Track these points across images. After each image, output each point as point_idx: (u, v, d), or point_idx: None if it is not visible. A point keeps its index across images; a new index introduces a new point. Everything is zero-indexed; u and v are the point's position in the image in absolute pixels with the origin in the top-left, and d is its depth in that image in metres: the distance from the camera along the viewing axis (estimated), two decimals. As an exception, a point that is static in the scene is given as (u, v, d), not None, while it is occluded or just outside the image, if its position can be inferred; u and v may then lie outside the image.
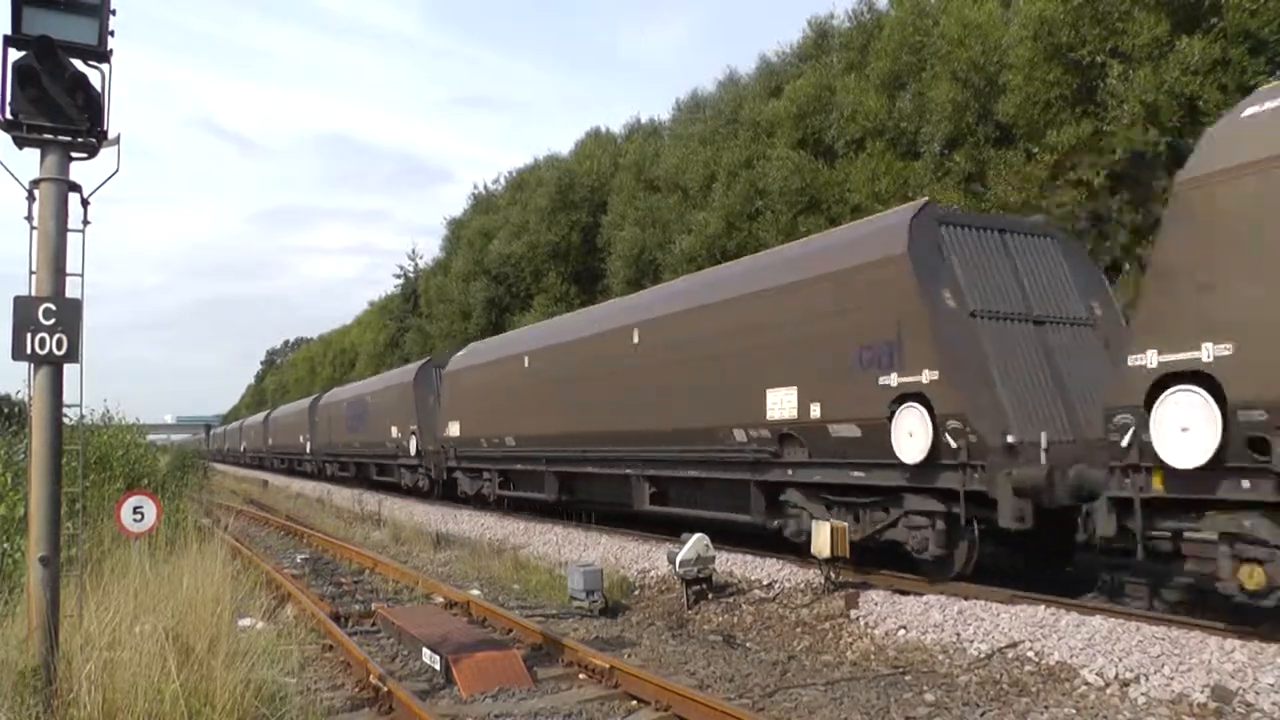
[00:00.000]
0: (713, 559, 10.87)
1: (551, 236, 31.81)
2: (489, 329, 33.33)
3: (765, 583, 10.98)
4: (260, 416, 61.26)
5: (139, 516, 8.29)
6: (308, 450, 40.52)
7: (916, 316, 9.56)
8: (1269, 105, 7.34)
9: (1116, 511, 7.85)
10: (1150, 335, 7.52)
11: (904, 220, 10.13)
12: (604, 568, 11.72)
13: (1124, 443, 7.64)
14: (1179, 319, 7.30)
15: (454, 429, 22.32)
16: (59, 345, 5.12)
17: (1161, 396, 7.31)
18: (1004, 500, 8.73)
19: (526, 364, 18.85)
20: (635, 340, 14.86)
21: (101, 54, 5.28)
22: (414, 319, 45.59)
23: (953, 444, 9.13)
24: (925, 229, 9.99)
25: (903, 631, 8.72)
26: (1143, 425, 7.45)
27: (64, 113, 5.14)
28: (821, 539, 9.98)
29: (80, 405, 5.66)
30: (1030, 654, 7.61)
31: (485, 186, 41.01)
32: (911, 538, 9.97)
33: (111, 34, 5.30)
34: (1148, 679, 6.76)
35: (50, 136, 5.18)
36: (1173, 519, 7.57)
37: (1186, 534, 7.52)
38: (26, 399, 5.46)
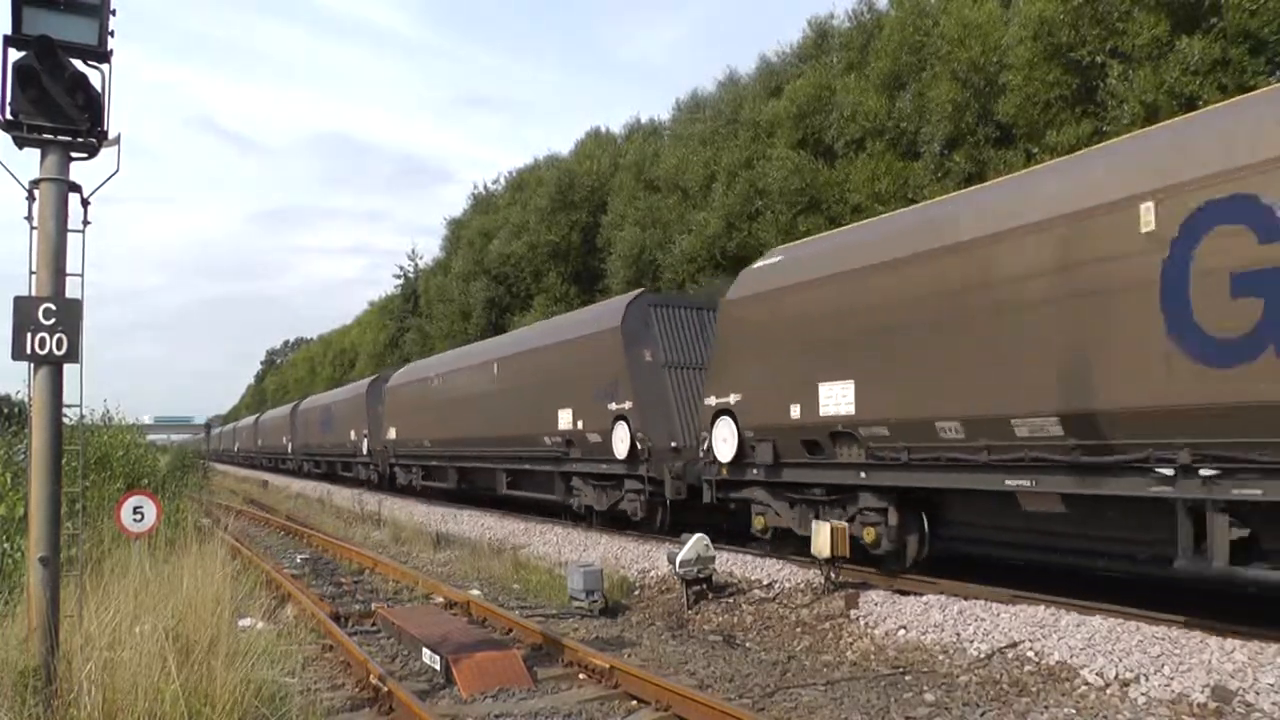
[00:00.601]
0: (713, 559, 10.87)
1: (551, 236, 31.75)
2: (489, 329, 33.34)
3: (765, 583, 10.98)
4: (251, 420, 66.71)
5: (139, 516, 8.30)
6: (289, 450, 45.95)
7: (623, 368, 15.02)
8: (764, 263, 12.79)
9: (713, 488, 13.02)
10: (712, 386, 12.85)
11: (622, 305, 15.66)
12: (604, 568, 11.72)
13: (704, 448, 12.88)
14: (722, 378, 12.61)
15: (392, 433, 28.24)
16: (59, 345, 5.12)
17: (716, 421, 12.56)
18: (667, 482, 14.28)
19: (437, 384, 24.45)
20: (495, 372, 20.52)
21: (101, 54, 5.28)
22: (414, 319, 45.54)
23: (639, 447, 14.69)
24: (637, 310, 15.47)
25: (903, 631, 8.72)
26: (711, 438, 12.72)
27: (64, 113, 5.14)
28: (821, 539, 9.99)
29: (80, 405, 5.66)
30: (1030, 654, 7.61)
31: (485, 186, 40.93)
32: (629, 507, 15.43)
33: (111, 34, 5.29)
34: (1148, 679, 6.76)
35: (50, 136, 5.18)
36: (733, 492, 12.73)
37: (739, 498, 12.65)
38: (26, 399, 5.46)
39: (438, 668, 7.79)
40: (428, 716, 6.25)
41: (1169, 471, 7.31)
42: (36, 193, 5.19)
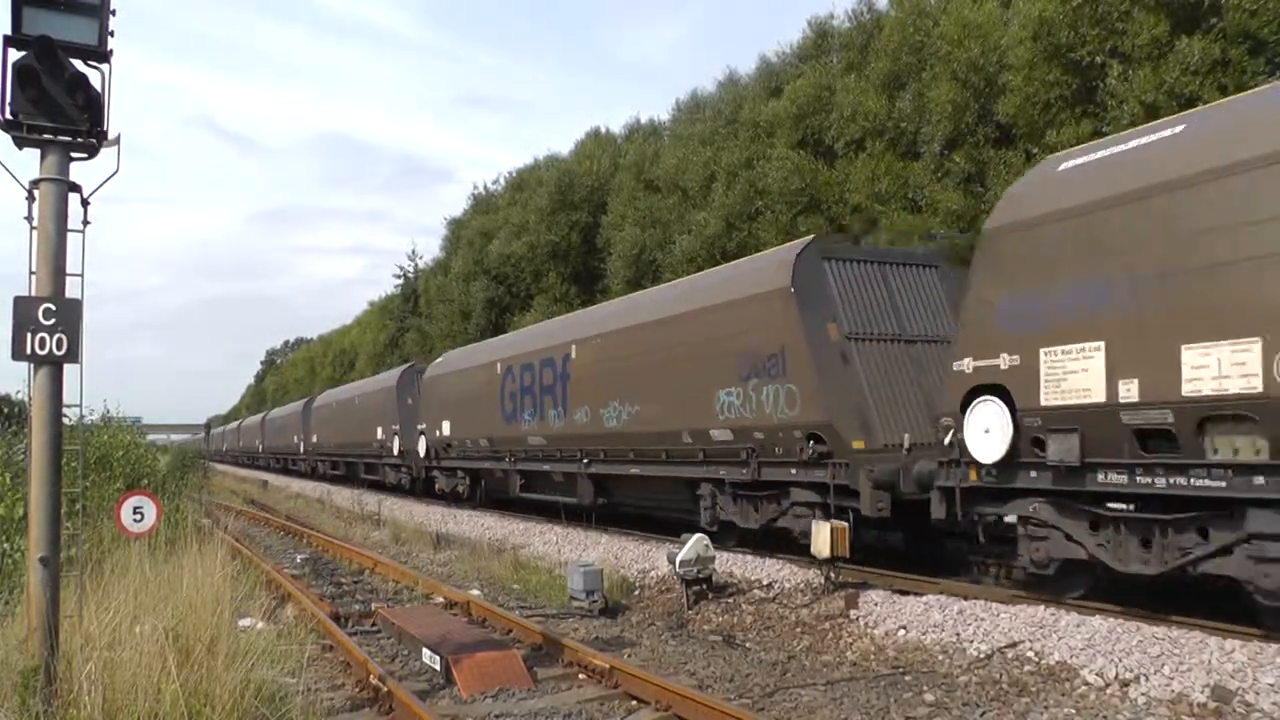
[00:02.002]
0: (713, 559, 10.87)
1: (551, 236, 31.75)
2: (489, 329, 33.35)
3: (765, 583, 10.97)
4: (236, 424, 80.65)
5: (139, 516, 8.29)
6: (260, 450, 58.46)
7: (395, 408, 27.71)
8: (438, 360, 26.79)
9: (425, 470, 26.41)
10: (421, 419, 25.46)
11: (398, 372, 29.28)
12: (604, 568, 11.72)
13: (420, 449, 25.50)
14: (425, 415, 25.32)
15: (314, 438, 40.61)
16: (59, 345, 5.12)
17: (420, 436, 25.58)
18: (414, 466, 26.02)
19: (334, 407, 37.35)
20: (356, 403, 33.47)
21: (101, 54, 5.27)
22: (414, 319, 45.55)
23: (402, 449, 27.07)
24: (408, 375, 28.15)
25: (903, 631, 8.72)
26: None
27: (64, 113, 5.13)
28: (821, 539, 9.98)
29: (80, 405, 5.66)
30: (1030, 654, 7.61)
31: (485, 186, 40.93)
32: (404, 481, 27.62)
33: (111, 34, 5.29)
34: (1148, 679, 6.76)
35: (50, 136, 5.17)
36: (433, 471, 25.74)
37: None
38: (26, 399, 5.46)
39: (438, 668, 7.79)
40: (428, 716, 6.25)
41: (509, 461, 19.73)
42: (36, 193, 5.19)
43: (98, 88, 5.27)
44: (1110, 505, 7.94)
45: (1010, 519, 8.90)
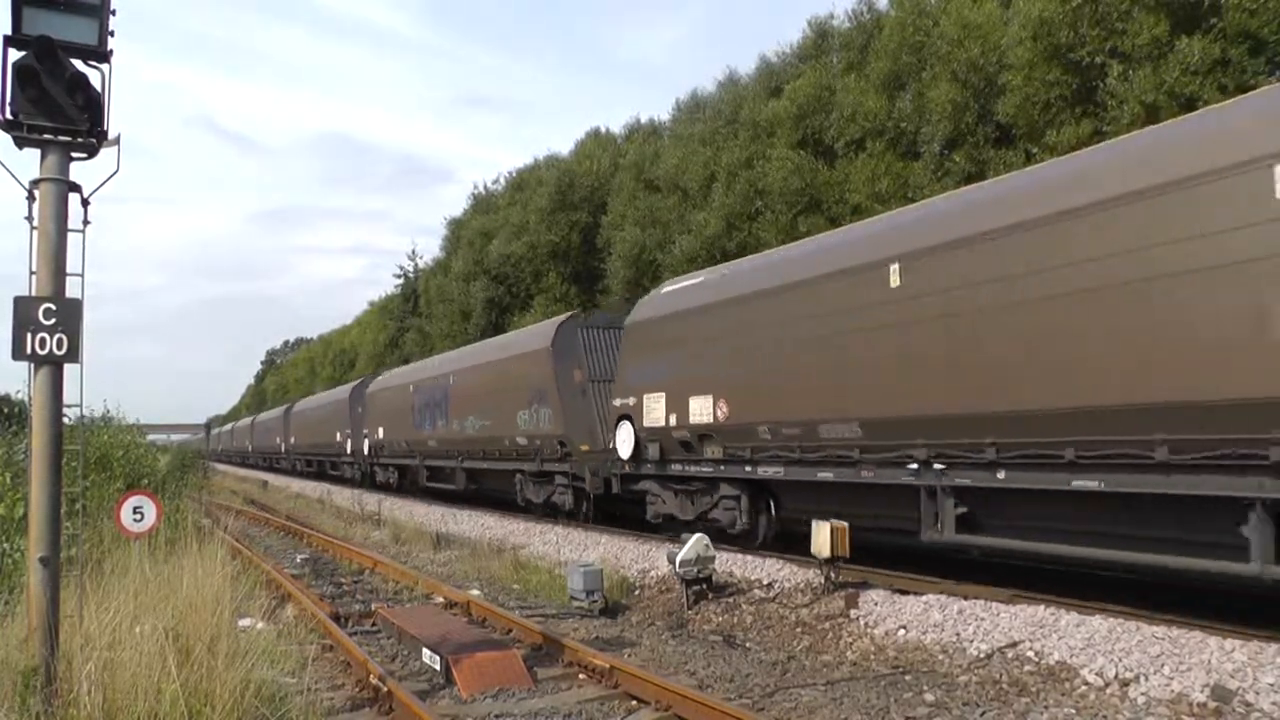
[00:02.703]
0: (713, 559, 10.86)
1: (551, 236, 31.73)
2: (489, 329, 33.35)
3: (765, 583, 10.97)
4: (229, 427, 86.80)
5: (139, 516, 8.29)
6: (250, 450, 64.37)
7: (346, 418, 33.63)
8: (385, 374, 33.28)
9: (367, 464, 32.56)
10: (362, 427, 32.90)
11: (348, 388, 35.74)
12: (604, 568, 11.71)
13: (365, 450, 31.74)
14: (368, 424, 31.80)
15: (293, 440, 46.66)
16: (59, 345, 5.12)
17: (363, 441, 33.04)
18: (359, 463, 32.65)
19: (308, 415, 42.95)
20: (328, 410, 37.42)
21: (101, 54, 5.27)
22: (414, 319, 45.55)
23: (352, 449, 33.20)
24: (358, 390, 33.75)
25: (903, 631, 8.72)
26: None
27: (64, 113, 5.14)
28: (821, 539, 9.98)
29: (80, 405, 5.66)
30: (1030, 654, 7.61)
31: (485, 186, 40.88)
32: (357, 475, 32.89)
33: (111, 34, 5.29)
34: (1148, 679, 6.76)
35: (50, 136, 5.17)
36: (372, 466, 32.09)
37: None
38: (26, 399, 5.46)
39: (438, 668, 7.79)
40: (428, 716, 6.25)
41: (417, 459, 26.13)
42: (36, 193, 5.19)
43: (98, 88, 5.28)
44: (679, 481, 13.72)
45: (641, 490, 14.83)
